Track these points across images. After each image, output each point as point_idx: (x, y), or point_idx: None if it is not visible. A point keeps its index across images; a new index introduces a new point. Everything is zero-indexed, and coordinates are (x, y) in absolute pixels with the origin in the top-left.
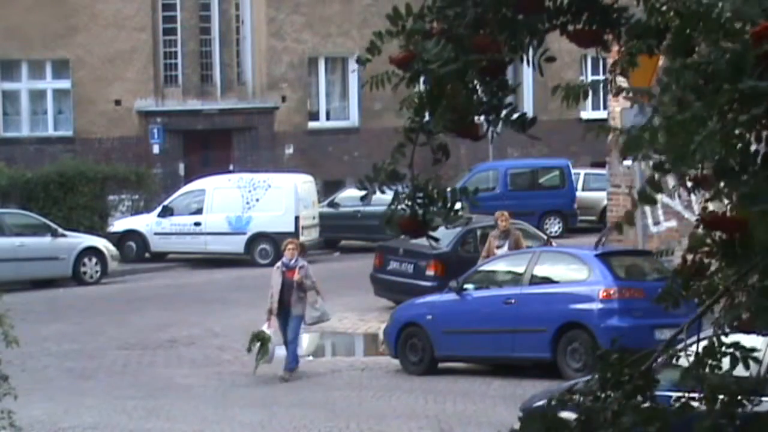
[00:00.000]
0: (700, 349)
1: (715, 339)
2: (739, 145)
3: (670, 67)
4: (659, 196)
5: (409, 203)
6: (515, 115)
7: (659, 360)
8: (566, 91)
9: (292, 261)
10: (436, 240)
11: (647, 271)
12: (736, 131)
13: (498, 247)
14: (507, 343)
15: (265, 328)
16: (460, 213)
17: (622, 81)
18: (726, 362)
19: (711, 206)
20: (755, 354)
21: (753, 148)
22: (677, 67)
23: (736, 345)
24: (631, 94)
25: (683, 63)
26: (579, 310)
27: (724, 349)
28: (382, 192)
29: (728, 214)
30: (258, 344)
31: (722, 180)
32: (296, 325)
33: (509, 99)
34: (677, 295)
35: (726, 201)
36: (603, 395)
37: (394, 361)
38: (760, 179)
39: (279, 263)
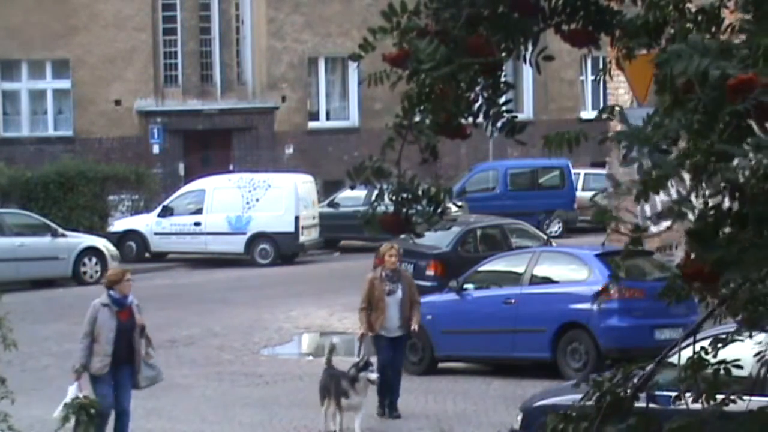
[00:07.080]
0: (693, 357)
1: (701, 354)
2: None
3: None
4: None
5: (393, 198)
6: (504, 119)
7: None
8: (551, 139)
9: (129, 297)
10: (419, 236)
11: (647, 271)
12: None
13: (389, 294)
14: (507, 343)
15: (74, 390)
16: (453, 213)
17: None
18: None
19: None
20: (740, 362)
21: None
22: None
23: (722, 362)
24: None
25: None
26: (579, 310)
27: (710, 366)
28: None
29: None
30: (85, 418)
31: (695, 244)
32: (130, 387)
33: (504, 99)
34: (680, 291)
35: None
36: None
37: None
38: (733, 244)
39: (103, 299)
